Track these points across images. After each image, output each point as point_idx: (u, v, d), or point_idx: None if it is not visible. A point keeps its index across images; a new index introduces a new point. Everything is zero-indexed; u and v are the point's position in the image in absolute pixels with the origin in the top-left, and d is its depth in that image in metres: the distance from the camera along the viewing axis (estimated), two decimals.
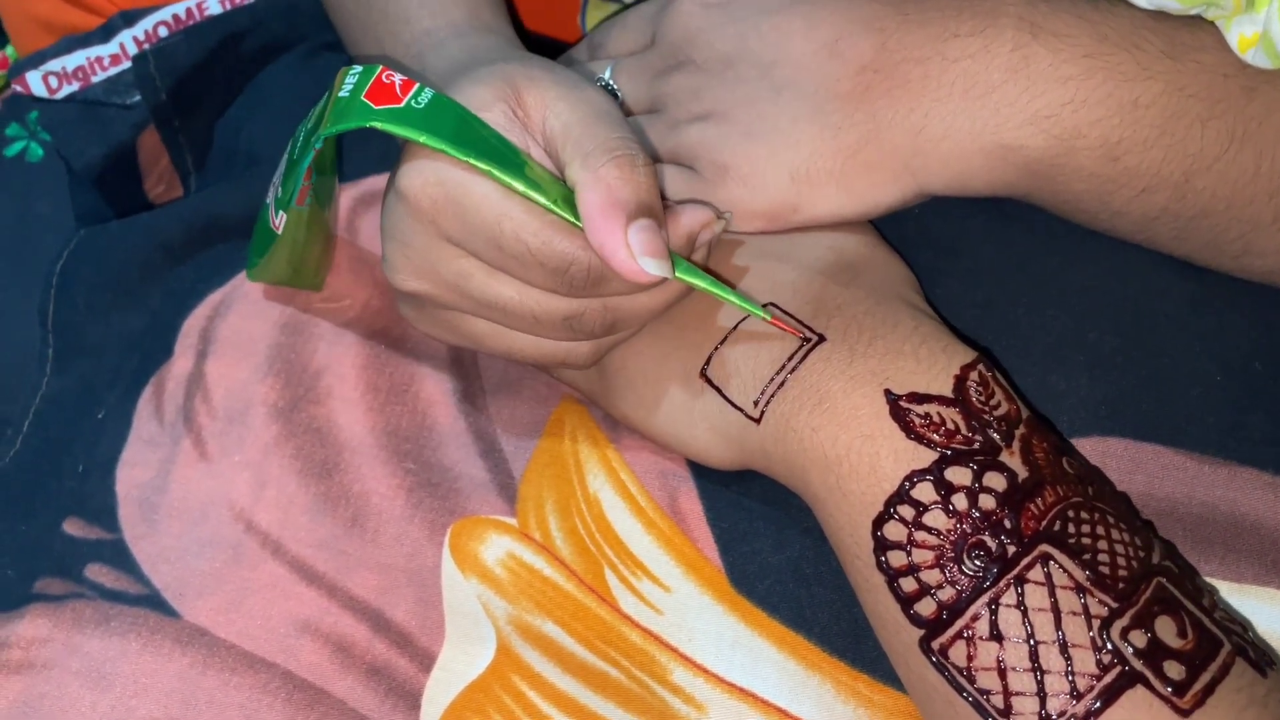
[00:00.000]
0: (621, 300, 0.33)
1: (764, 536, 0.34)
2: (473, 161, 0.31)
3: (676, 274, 0.31)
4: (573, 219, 0.31)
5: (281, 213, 0.36)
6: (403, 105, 0.31)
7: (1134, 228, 0.34)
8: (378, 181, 0.43)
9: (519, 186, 0.31)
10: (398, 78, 0.32)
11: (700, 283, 0.32)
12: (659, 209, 0.32)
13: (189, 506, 0.39)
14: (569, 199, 0.32)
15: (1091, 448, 0.34)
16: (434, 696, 0.35)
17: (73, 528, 0.39)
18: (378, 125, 0.31)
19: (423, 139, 0.31)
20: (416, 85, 0.32)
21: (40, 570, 0.39)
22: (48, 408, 0.44)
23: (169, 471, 0.40)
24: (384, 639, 0.36)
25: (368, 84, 0.32)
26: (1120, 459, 0.33)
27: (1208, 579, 0.32)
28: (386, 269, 0.35)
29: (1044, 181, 0.33)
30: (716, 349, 0.33)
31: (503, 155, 0.31)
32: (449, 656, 0.36)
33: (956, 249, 0.37)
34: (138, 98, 0.49)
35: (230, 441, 0.39)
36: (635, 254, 0.30)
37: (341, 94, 0.32)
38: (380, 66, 0.32)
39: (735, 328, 0.33)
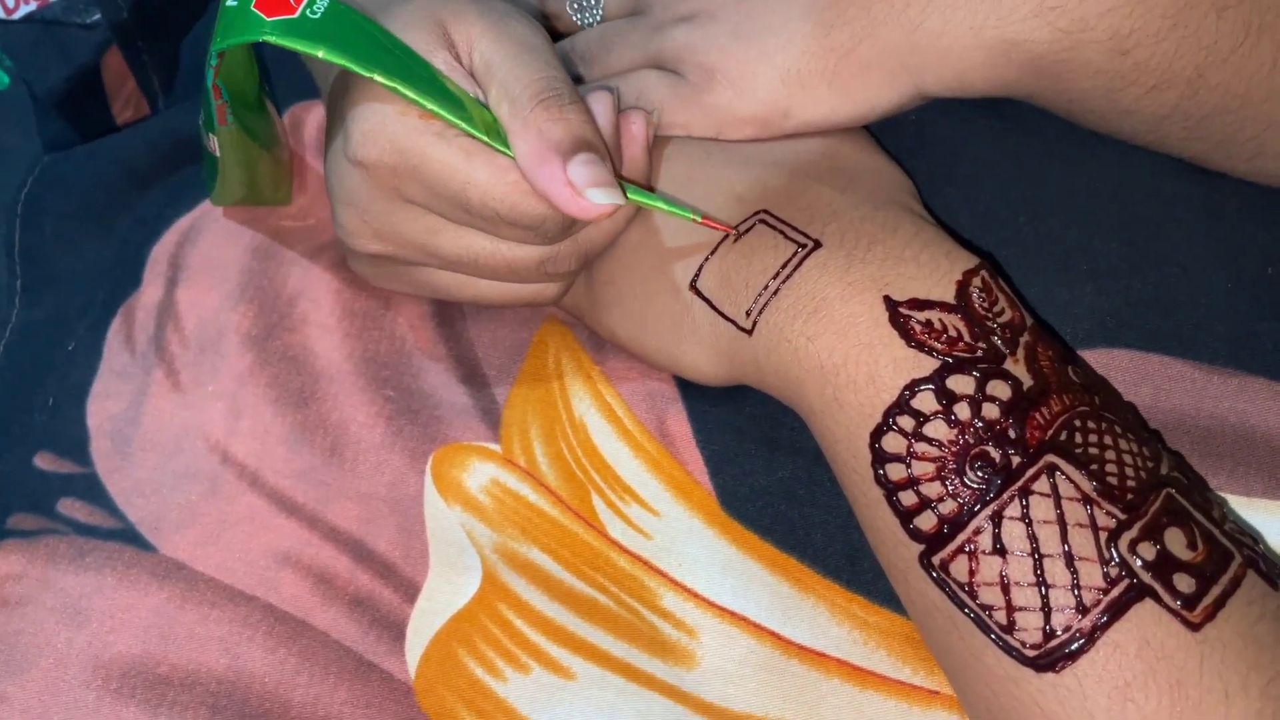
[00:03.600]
0: (590, 232, 0.32)
1: (755, 458, 0.33)
2: (379, 79, 0.29)
3: (629, 196, 0.31)
4: (507, 150, 0.30)
5: (210, 135, 0.35)
6: (297, 15, 0.29)
7: (1143, 128, 0.32)
8: None
9: (463, 125, 0.30)
10: None
11: (646, 200, 0.31)
12: (596, 141, 0.30)
13: (163, 438, 0.37)
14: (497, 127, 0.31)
15: (1096, 359, 0.32)
16: (419, 627, 0.34)
17: (44, 462, 0.38)
18: (270, 40, 0.29)
19: (321, 53, 0.29)
20: None
21: (12, 506, 0.38)
22: (16, 341, 0.43)
23: (141, 403, 0.38)
24: (367, 570, 0.35)
25: None
26: (1126, 371, 0.32)
27: (1217, 493, 0.31)
28: (341, 233, 0.33)
29: (1049, 79, 0.32)
30: (707, 260, 0.32)
31: (409, 69, 0.30)
32: (434, 586, 0.35)
33: (956, 156, 0.35)
34: (98, 16, 0.47)
35: (203, 371, 0.38)
36: (581, 190, 0.29)
37: (229, 2, 0.30)
38: None
39: (726, 237, 0.32)
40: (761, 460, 0.33)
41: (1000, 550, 0.27)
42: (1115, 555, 0.26)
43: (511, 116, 0.30)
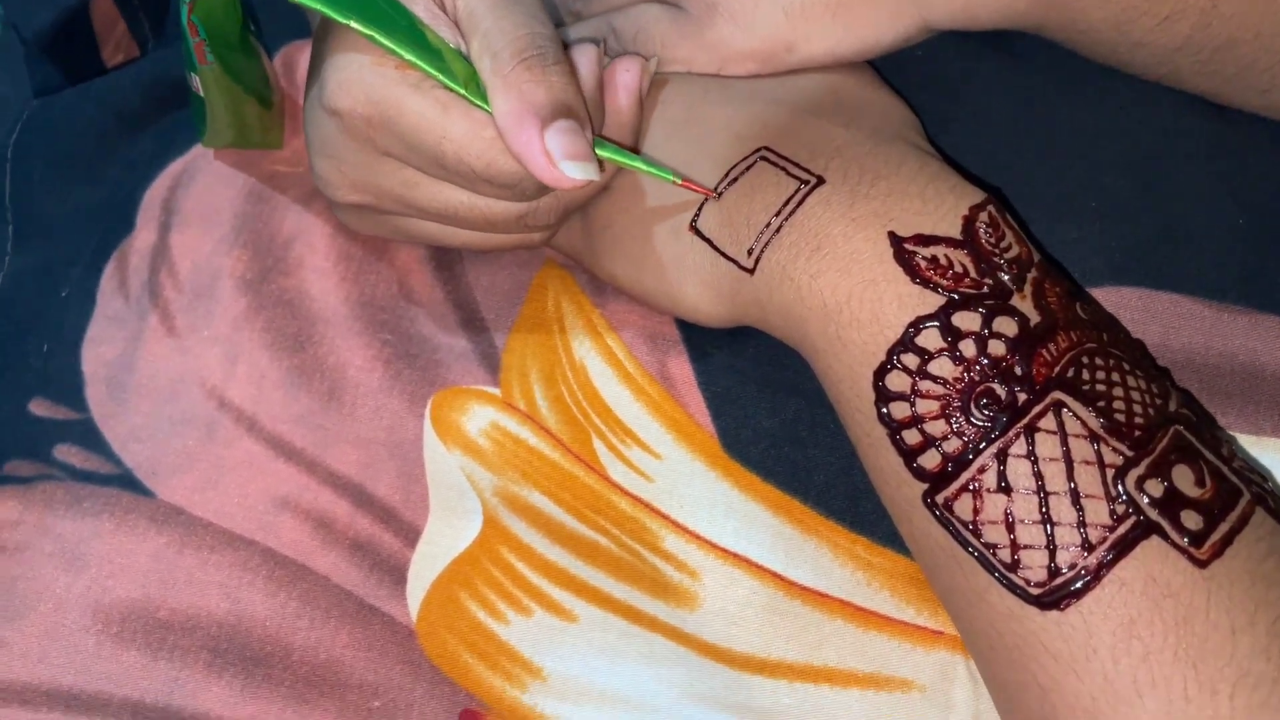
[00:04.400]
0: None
1: (757, 399, 0.33)
2: (355, 26, 0.28)
3: (603, 156, 0.30)
4: (486, 106, 0.29)
5: (193, 75, 0.34)
6: None
7: (1154, 61, 0.32)
8: None
9: (441, 78, 0.29)
10: None
11: (623, 159, 0.31)
12: (578, 106, 0.30)
13: (158, 384, 0.37)
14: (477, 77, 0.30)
15: (1105, 298, 0.32)
16: (420, 571, 0.34)
17: (39, 408, 0.38)
18: None
19: (302, 3, 0.28)
20: None
21: (8, 452, 0.37)
22: (9, 288, 0.42)
23: (136, 349, 0.38)
24: (367, 514, 0.35)
25: None
26: (1135, 309, 0.32)
27: (1225, 431, 0.31)
28: (319, 184, 0.33)
29: (1058, 10, 0.31)
30: (707, 199, 0.31)
31: (389, 18, 0.29)
32: (434, 530, 0.34)
33: (963, 92, 0.34)
34: None
35: (198, 316, 0.38)
36: (555, 160, 0.28)
37: None
38: None
39: (727, 175, 0.31)
40: (764, 402, 0.33)
41: (1005, 488, 0.27)
42: (1122, 492, 0.26)
43: (493, 73, 0.29)
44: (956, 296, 0.28)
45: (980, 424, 0.27)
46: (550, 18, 0.31)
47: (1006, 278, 0.28)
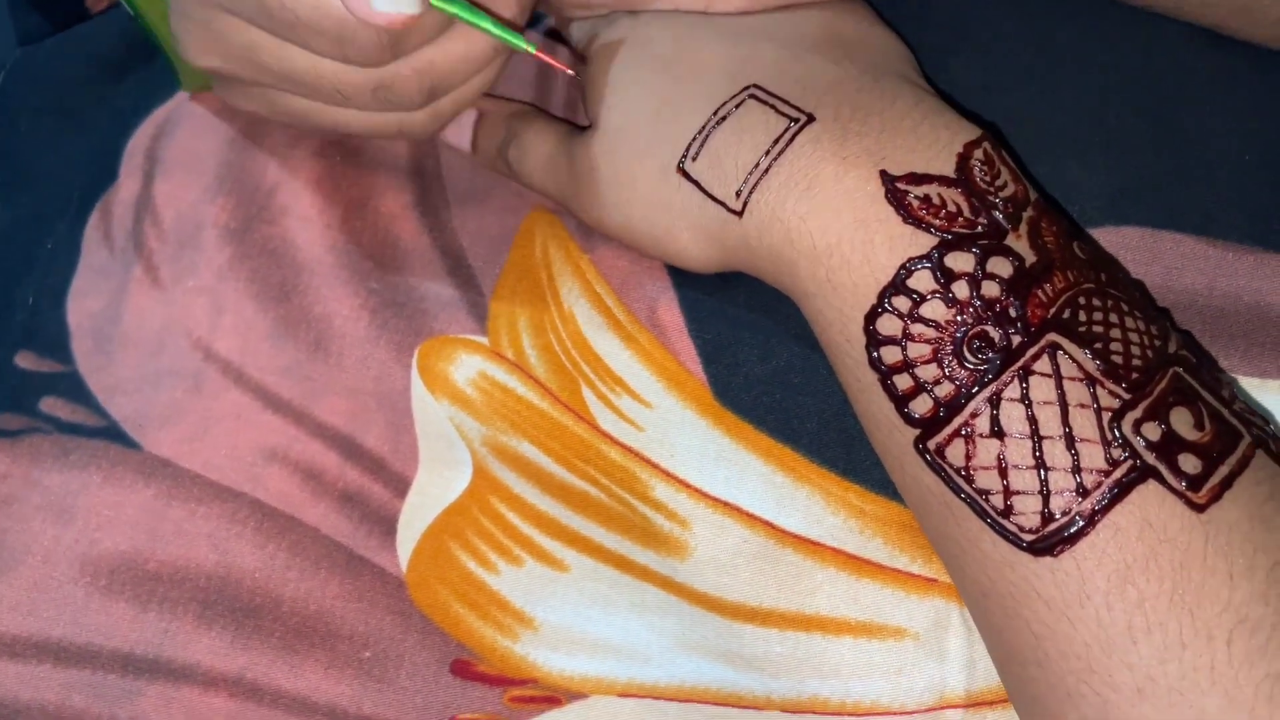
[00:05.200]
0: (434, 59, 0.30)
1: (749, 346, 0.32)
2: None
3: (433, 3, 0.28)
4: None
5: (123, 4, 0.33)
6: None
7: None
8: None
9: None
10: None
11: (458, 11, 0.28)
12: None
13: (144, 336, 0.37)
14: None
15: (1105, 238, 0.31)
16: (410, 521, 0.34)
17: (25, 361, 0.38)
18: None
19: None
20: None
21: None
22: None
23: (122, 300, 0.37)
24: (356, 465, 0.34)
25: None
26: (1136, 250, 0.31)
27: (1228, 374, 0.30)
28: (177, 45, 0.32)
29: None
30: (694, 139, 0.30)
31: None
32: (424, 481, 0.34)
33: (964, 25, 0.33)
34: None
35: (183, 267, 0.37)
36: None
37: None
38: None
39: (715, 114, 0.30)
40: (755, 349, 0.32)
41: (998, 433, 0.26)
42: (1118, 435, 0.25)
43: None
44: (950, 237, 0.27)
45: (973, 368, 0.26)
46: None
47: (1001, 217, 0.27)
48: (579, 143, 0.33)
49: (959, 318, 0.26)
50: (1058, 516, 0.25)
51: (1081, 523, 0.25)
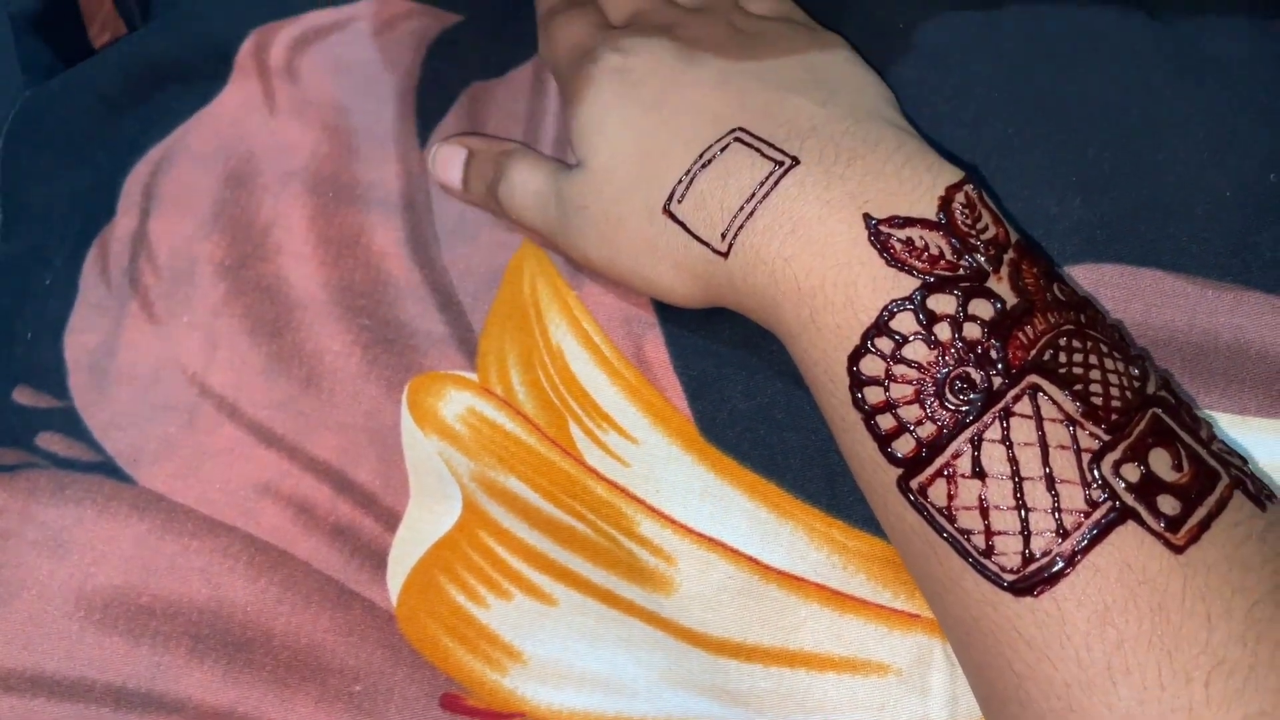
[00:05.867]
0: None
1: (734, 382, 0.32)
2: None
3: None
4: None
5: None
6: None
7: None
8: (318, 18, 0.40)
9: None
10: None
11: None
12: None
13: (140, 371, 0.37)
14: None
15: (1084, 275, 0.31)
16: (400, 556, 0.34)
17: (23, 396, 0.38)
18: None
19: None
20: None
21: None
22: None
23: (117, 335, 0.38)
24: (347, 500, 0.35)
25: None
26: (1115, 286, 0.31)
27: (1208, 411, 0.30)
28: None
29: None
30: (680, 181, 0.31)
31: None
32: (414, 515, 0.34)
33: (945, 62, 0.33)
34: None
35: (177, 302, 0.37)
36: None
37: None
38: None
39: (700, 157, 0.31)
40: (741, 385, 0.32)
41: (980, 473, 0.26)
42: (1098, 477, 0.26)
43: None
44: (932, 279, 0.27)
45: (955, 409, 0.26)
46: None
47: (983, 259, 0.27)
48: (567, 182, 0.33)
49: (941, 359, 0.27)
50: (1038, 557, 0.26)
51: (1061, 563, 0.25)
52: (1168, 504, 0.25)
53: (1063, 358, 0.27)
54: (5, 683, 0.33)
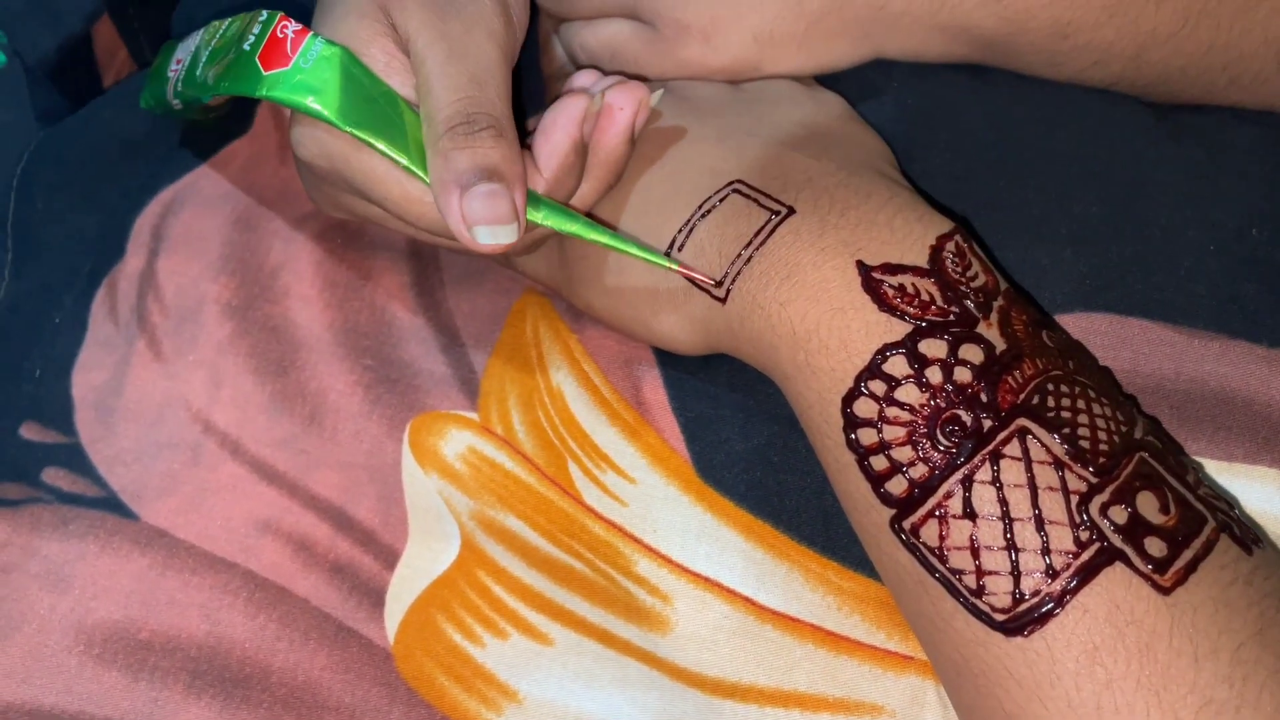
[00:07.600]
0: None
1: (731, 424, 0.33)
2: (354, 133, 0.31)
3: (548, 223, 0.32)
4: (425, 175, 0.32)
5: (177, 101, 0.37)
6: (290, 68, 0.31)
7: (1093, 86, 0.35)
8: None
9: (400, 160, 0.31)
10: (291, 30, 0.32)
11: (582, 230, 0.32)
12: (505, 168, 0.31)
13: (145, 408, 0.38)
14: None
15: (1075, 324, 0.32)
16: (399, 594, 0.34)
17: (30, 432, 0.38)
18: (265, 97, 0.31)
19: (308, 111, 0.31)
20: (308, 37, 0.32)
21: None
22: (6, 313, 0.43)
23: (124, 373, 0.38)
24: (346, 537, 0.35)
25: (265, 38, 0.32)
26: (1104, 335, 0.32)
27: (1195, 458, 0.31)
28: (307, 190, 0.37)
29: (996, 55, 0.34)
30: (680, 230, 0.32)
31: (384, 117, 0.31)
32: (413, 553, 0.35)
33: (936, 121, 0.35)
34: None
35: (184, 340, 0.38)
36: (468, 224, 0.30)
37: (245, 46, 0.33)
38: (279, 16, 0.32)
39: (700, 208, 0.32)
40: (738, 427, 0.33)
41: (970, 514, 0.27)
42: (1086, 519, 0.26)
43: (427, 142, 0.31)
44: (923, 324, 0.28)
45: (946, 450, 0.27)
46: (501, 61, 0.32)
47: (972, 306, 0.28)
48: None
49: (932, 402, 0.27)
50: (1028, 597, 0.26)
51: (1051, 604, 0.26)
52: (1155, 546, 0.26)
53: (1051, 401, 0.27)
54: (4, 716, 0.33)
